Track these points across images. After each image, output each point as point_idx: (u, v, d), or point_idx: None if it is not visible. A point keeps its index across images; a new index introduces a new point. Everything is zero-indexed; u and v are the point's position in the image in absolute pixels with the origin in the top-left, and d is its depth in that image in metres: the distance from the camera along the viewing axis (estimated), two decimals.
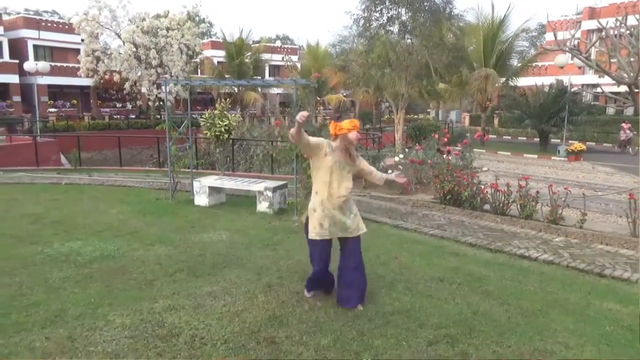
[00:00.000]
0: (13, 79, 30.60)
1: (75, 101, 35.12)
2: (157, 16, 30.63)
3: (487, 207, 8.20)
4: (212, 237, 6.21)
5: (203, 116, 11.62)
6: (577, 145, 19.95)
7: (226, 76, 31.50)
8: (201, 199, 8.20)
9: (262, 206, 7.80)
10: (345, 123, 4.03)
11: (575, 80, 26.31)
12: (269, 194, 7.75)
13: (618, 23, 6.05)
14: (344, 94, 39.11)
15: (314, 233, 4.04)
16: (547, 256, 5.77)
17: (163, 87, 29.57)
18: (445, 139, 12.88)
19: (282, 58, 34.63)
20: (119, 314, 3.85)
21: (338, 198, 3.97)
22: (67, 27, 32.92)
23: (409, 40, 16.80)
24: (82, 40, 30.64)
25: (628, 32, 6.20)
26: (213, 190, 8.23)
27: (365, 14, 16.60)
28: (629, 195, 6.80)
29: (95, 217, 7.16)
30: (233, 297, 4.29)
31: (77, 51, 31.83)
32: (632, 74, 5.82)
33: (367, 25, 16.89)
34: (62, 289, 4.35)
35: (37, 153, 14.06)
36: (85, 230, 6.40)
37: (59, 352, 3.25)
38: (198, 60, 33.31)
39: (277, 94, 42.60)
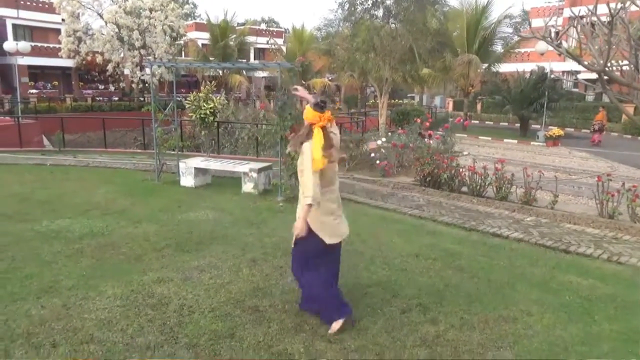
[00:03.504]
0: None
1: (56, 82, 34.59)
2: None
3: (464, 189, 8.51)
4: (199, 216, 6.39)
5: (188, 99, 11.71)
6: (555, 130, 20.47)
7: (211, 59, 31.26)
8: (187, 180, 8.36)
9: (247, 187, 8.00)
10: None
11: (556, 67, 26.71)
12: (254, 175, 7.94)
13: (589, 13, 6.30)
14: (329, 78, 39.15)
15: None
16: (517, 234, 6.10)
17: (147, 69, 29.30)
18: (427, 124, 13.13)
19: (267, 41, 34.46)
20: (110, 286, 4.05)
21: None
22: (47, 6, 32.25)
23: (393, 25, 16.97)
24: (63, 20, 30.04)
25: (600, 20, 6.47)
26: (199, 171, 8.38)
27: None
28: (597, 177, 7.15)
29: (82, 197, 7.28)
30: (219, 270, 4.51)
31: (58, 31, 31.23)
32: (601, 62, 6.09)
33: (352, 9, 17.01)
34: (54, 263, 4.53)
35: (20, 134, 13.97)
36: (73, 209, 6.54)
37: (55, 319, 3.45)
38: (182, 42, 32.98)
39: (263, 77, 42.45)
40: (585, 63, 6.63)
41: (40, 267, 4.41)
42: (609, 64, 6.29)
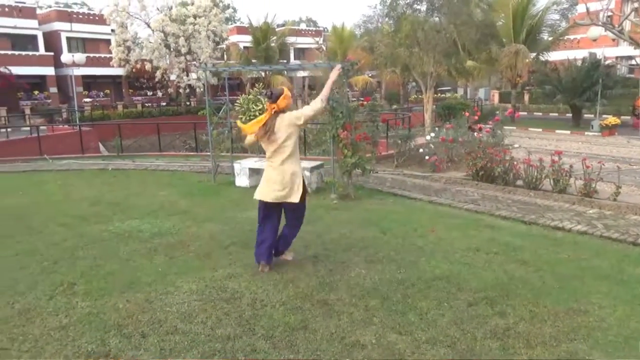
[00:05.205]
0: (49, 71, 31.76)
1: (108, 90, 36.16)
2: (184, 4, 31.13)
3: (519, 182, 8.36)
4: None
5: (238, 101, 12.05)
6: (611, 119, 19.59)
7: (253, 61, 31.85)
8: (242, 180, 8.62)
9: None
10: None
11: (608, 52, 25.56)
12: (307, 173, 8.09)
13: None
14: (370, 75, 39.01)
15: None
16: (580, 227, 5.95)
17: (193, 74, 30.17)
18: (476, 117, 12.91)
19: (317, 42, 34.83)
20: (186, 281, 4.28)
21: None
22: (97, 18, 33.81)
23: (436, 18, 16.79)
24: (113, 30, 31.43)
25: None
26: (253, 171, 8.63)
27: None
28: None
29: (146, 199, 7.67)
30: (284, 266, 4.67)
31: (108, 42, 32.68)
32: None
33: (394, 4, 16.95)
34: (132, 261, 4.83)
35: (82, 141, 14.80)
36: (140, 210, 6.91)
37: (140, 312, 3.70)
38: (224, 46, 33.77)
39: (303, 77, 42.78)
40: None
41: (119, 265, 4.72)
42: None
